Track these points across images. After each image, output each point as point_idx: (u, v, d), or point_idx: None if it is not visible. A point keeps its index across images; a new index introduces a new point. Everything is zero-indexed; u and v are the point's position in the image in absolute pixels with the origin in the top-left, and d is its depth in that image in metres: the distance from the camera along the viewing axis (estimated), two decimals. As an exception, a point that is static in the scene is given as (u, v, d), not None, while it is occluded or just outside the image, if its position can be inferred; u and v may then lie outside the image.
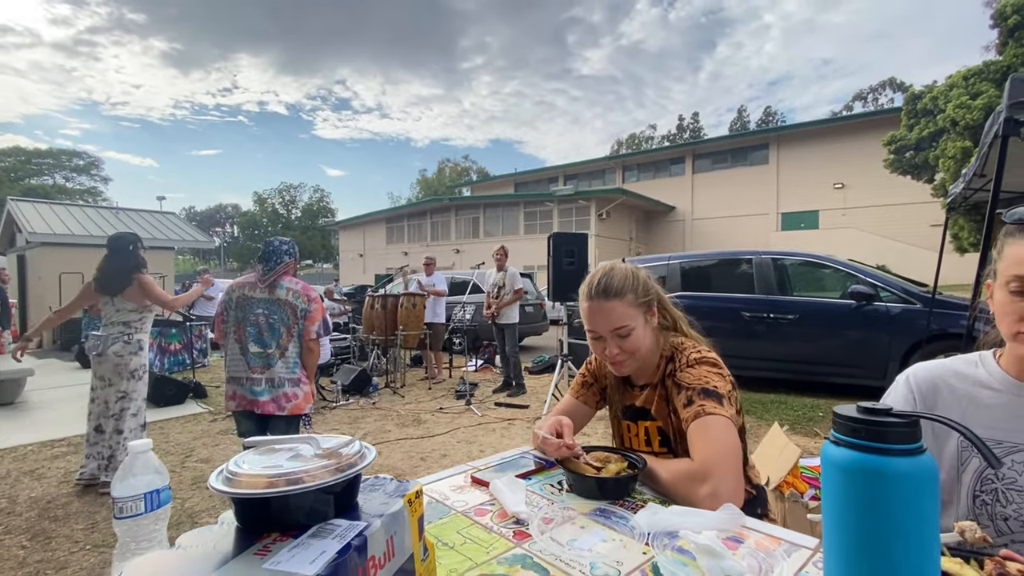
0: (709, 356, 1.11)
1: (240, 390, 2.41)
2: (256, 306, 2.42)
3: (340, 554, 0.49)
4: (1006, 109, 1.90)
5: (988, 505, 0.80)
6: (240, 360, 2.42)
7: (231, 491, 0.53)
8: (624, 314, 1.11)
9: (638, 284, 1.14)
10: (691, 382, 1.06)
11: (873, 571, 0.45)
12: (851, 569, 0.46)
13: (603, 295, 1.12)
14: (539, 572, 0.69)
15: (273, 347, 2.41)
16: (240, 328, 2.42)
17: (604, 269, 1.17)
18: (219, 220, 61.50)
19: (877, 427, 0.45)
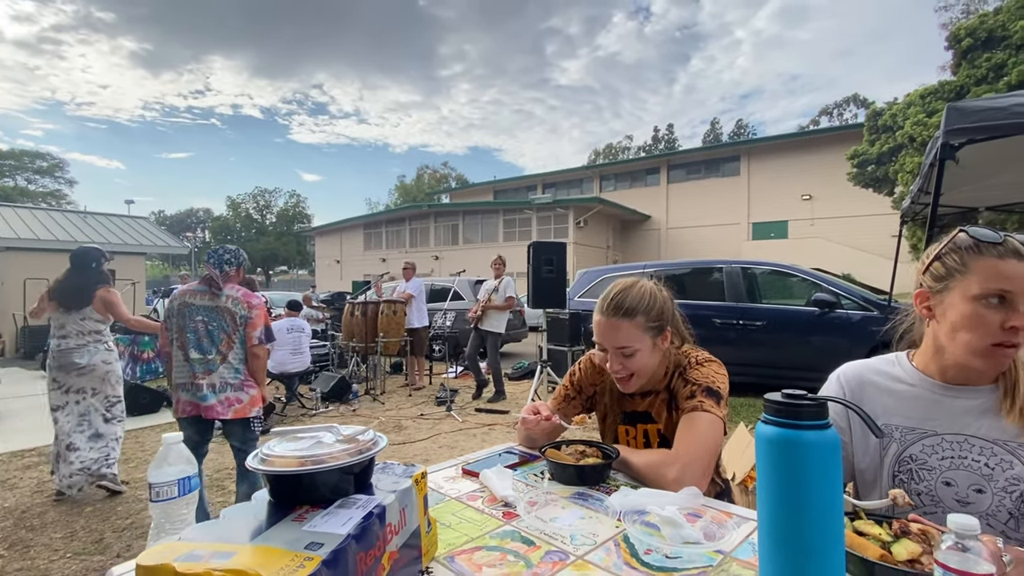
0: (714, 359, 1.21)
1: (185, 396, 2.45)
2: (196, 313, 2.49)
3: (365, 519, 0.59)
4: (943, 135, 2.11)
5: (904, 483, 0.94)
6: (184, 366, 2.46)
7: (271, 470, 0.62)
8: (630, 335, 1.14)
9: (652, 307, 1.16)
10: (699, 379, 1.15)
11: (792, 519, 0.57)
12: (776, 520, 0.58)
13: (614, 312, 1.15)
14: (526, 543, 0.80)
15: (213, 353, 2.47)
16: (182, 335, 2.48)
17: (623, 285, 1.19)
18: (190, 225, 59.97)
19: (795, 408, 0.58)
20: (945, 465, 0.90)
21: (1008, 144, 2.49)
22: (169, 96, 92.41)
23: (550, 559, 0.75)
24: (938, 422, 0.91)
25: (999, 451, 0.85)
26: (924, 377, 0.95)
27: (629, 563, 0.74)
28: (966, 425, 0.88)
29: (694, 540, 0.79)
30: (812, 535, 0.56)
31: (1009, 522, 0.84)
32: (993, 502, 0.85)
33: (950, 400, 0.91)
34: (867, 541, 0.67)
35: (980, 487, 0.86)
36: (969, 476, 0.87)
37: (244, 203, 48.95)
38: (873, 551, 0.65)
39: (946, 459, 0.90)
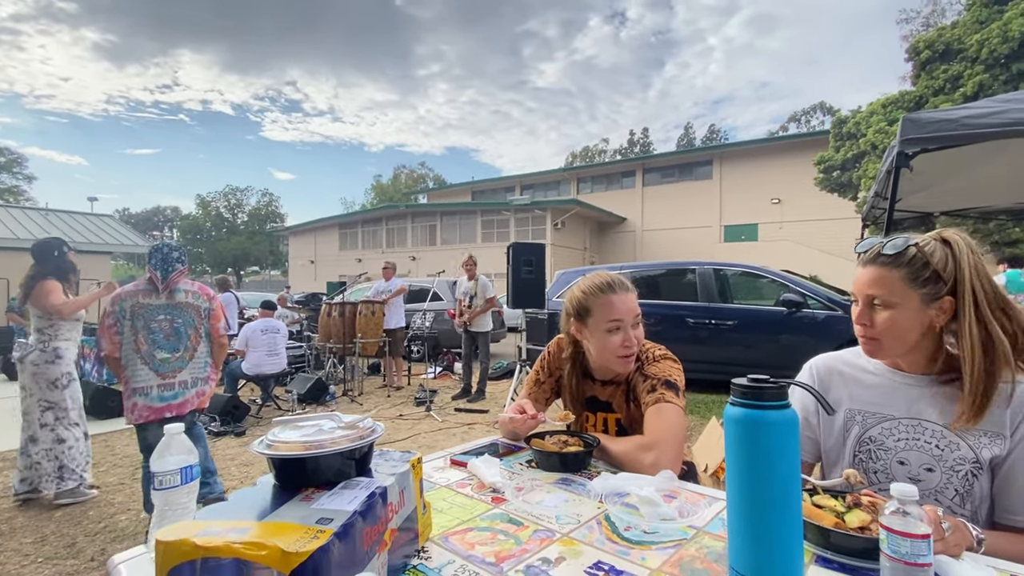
0: (670, 354, 1.32)
1: (145, 400, 2.40)
2: (157, 313, 2.46)
3: (370, 498, 0.63)
4: (899, 144, 2.25)
5: (863, 462, 1.03)
6: (145, 369, 2.41)
7: (278, 454, 0.66)
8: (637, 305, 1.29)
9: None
10: (656, 374, 1.25)
11: (757, 491, 0.64)
12: (742, 492, 0.65)
13: (623, 288, 1.29)
14: (515, 524, 0.85)
15: (182, 350, 2.49)
16: (139, 337, 2.42)
17: (606, 272, 1.34)
18: (157, 223, 58.10)
19: (758, 390, 0.65)
20: (900, 446, 0.98)
21: (959, 153, 2.66)
22: (134, 90, 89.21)
23: (538, 537, 0.80)
24: (895, 407, 1.00)
25: (948, 434, 0.94)
26: (884, 367, 1.04)
27: (611, 538, 0.80)
28: (920, 411, 0.97)
29: (670, 517, 0.86)
30: (775, 504, 0.63)
31: (955, 499, 0.93)
32: (941, 480, 0.94)
33: (906, 387, 1.00)
34: (823, 512, 0.74)
35: (930, 466, 0.95)
36: (921, 456, 0.96)
37: (214, 201, 47.68)
38: (828, 520, 0.73)
39: (901, 440, 0.98)
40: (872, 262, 0.97)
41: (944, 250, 0.93)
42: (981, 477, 0.91)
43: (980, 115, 2.11)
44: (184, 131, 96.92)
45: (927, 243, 0.94)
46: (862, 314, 0.99)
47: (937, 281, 0.92)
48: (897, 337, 0.95)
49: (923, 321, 0.93)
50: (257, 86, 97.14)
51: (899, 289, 0.93)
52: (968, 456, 0.92)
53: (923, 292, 0.92)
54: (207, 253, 45.29)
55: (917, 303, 0.93)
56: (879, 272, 0.96)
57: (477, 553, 0.76)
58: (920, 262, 0.92)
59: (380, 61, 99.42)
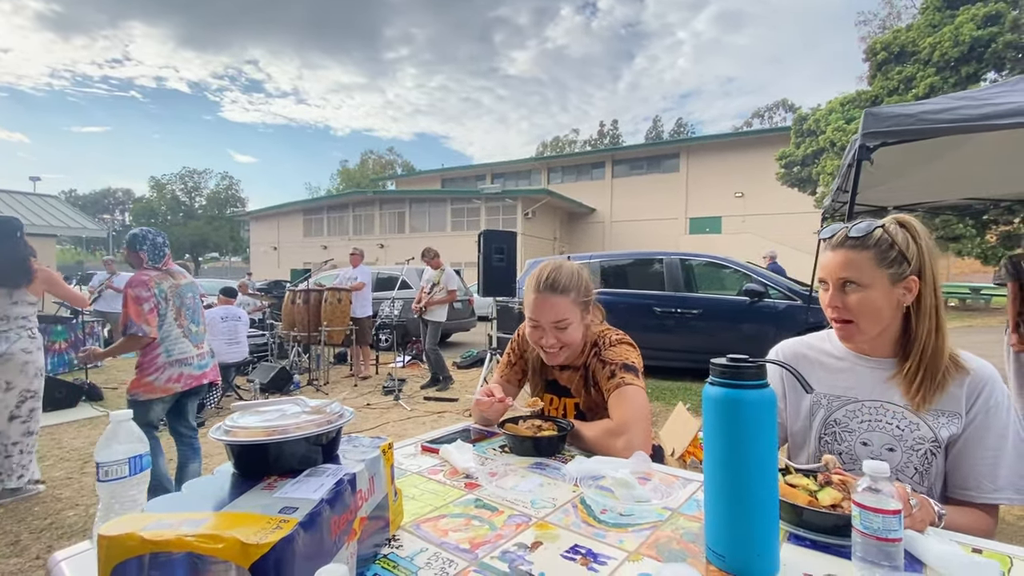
0: (626, 338, 1.32)
1: (187, 370, 2.62)
2: (187, 291, 2.73)
3: (337, 485, 0.60)
4: (860, 138, 2.32)
5: (828, 444, 1.06)
6: (184, 342, 2.65)
7: (237, 440, 0.61)
8: (565, 310, 1.23)
9: (581, 284, 1.27)
10: (614, 358, 1.24)
11: (734, 470, 0.64)
12: (719, 471, 0.65)
13: (549, 289, 1.23)
14: (490, 510, 0.83)
15: (200, 323, 2.79)
16: (182, 314, 2.67)
17: (554, 265, 1.28)
18: (107, 206, 55.05)
19: (737, 370, 0.64)
20: (864, 428, 1.01)
21: (912, 150, 2.77)
22: (81, 64, 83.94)
23: (513, 522, 0.79)
24: (859, 390, 1.03)
25: (908, 415, 0.97)
26: (848, 351, 1.06)
27: (587, 522, 0.79)
28: (883, 392, 1.00)
29: (645, 499, 0.85)
30: (752, 483, 0.63)
31: (915, 476, 0.97)
32: (902, 459, 0.97)
33: (868, 371, 1.03)
34: (797, 491, 0.75)
35: (892, 446, 0.98)
36: (883, 436, 0.99)
37: (170, 184, 45.51)
38: (802, 498, 0.74)
39: (865, 422, 1.01)
40: (840, 246, 1.00)
41: (904, 232, 0.97)
42: (939, 455, 0.95)
43: (936, 111, 2.20)
44: (136, 109, 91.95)
45: (889, 225, 0.97)
46: (834, 297, 1.00)
47: (902, 261, 0.95)
48: (871, 317, 0.97)
49: (892, 301, 0.96)
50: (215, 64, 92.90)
51: (869, 270, 0.95)
52: (927, 436, 0.95)
53: (891, 272, 0.95)
54: (162, 238, 43.19)
55: (886, 283, 0.95)
56: (848, 255, 0.98)
57: (451, 540, 0.73)
58: (886, 243, 0.96)
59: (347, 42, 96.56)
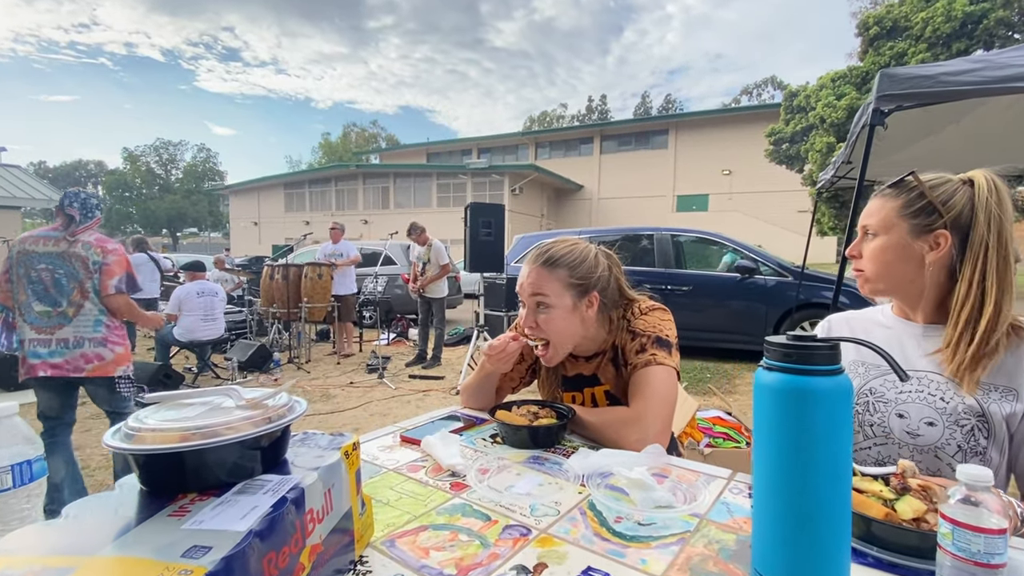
0: (658, 304, 1.14)
1: (24, 354, 2.19)
2: (38, 261, 2.20)
3: (276, 508, 0.44)
4: (874, 100, 2.17)
5: (859, 415, 0.96)
6: (21, 321, 2.22)
7: (136, 448, 0.45)
8: (548, 287, 1.04)
9: (579, 264, 1.07)
10: (645, 328, 1.07)
11: (799, 478, 0.49)
12: (779, 478, 0.50)
13: (536, 260, 1.08)
14: (480, 518, 0.69)
15: (64, 304, 2.21)
16: (21, 285, 2.21)
17: (560, 240, 1.12)
18: (78, 179, 52.99)
19: (806, 351, 0.49)
20: (901, 399, 0.91)
21: (921, 118, 2.64)
22: (46, 28, 79.76)
23: (509, 535, 0.64)
24: (899, 358, 0.91)
25: (952, 387, 0.86)
26: (900, 320, 0.97)
27: (599, 533, 0.65)
28: (929, 362, 0.90)
29: (666, 503, 0.72)
30: (821, 494, 0.49)
31: (956, 455, 0.85)
32: (944, 435, 0.86)
33: (913, 338, 0.93)
34: (869, 499, 0.61)
35: (932, 420, 0.87)
36: (922, 409, 0.88)
37: (144, 156, 43.89)
38: (876, 509, 0.60)
39: (903, 393, 0.91)
40: (878, 195, 0.95)
41: (955, 186, 0.87)
42: (991, 434, 0.83)
43: (956, 72, 2.05)
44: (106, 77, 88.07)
45: (934, 177, 0.89)
46: (854, 246, 0.96)
47: (932, 213, 0.87)
48: (881, 267, 0.92)
49: (910, 253, 0.89)
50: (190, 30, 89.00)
51: (890, 218, 0.91)
52: (974, 410, 0.84)
53: (914, 222, 0.88)
54: (138, 213, 41.96)
55: (905, 232, 0.89)
56: (878, 202, 0.94)
57: (432, 562, 0.58)
58: (916, 191, 0.89)
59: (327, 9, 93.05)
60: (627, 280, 1.19)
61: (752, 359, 5.75)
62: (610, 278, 1.13)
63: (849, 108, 12.96)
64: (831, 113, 13.62)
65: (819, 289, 5.36)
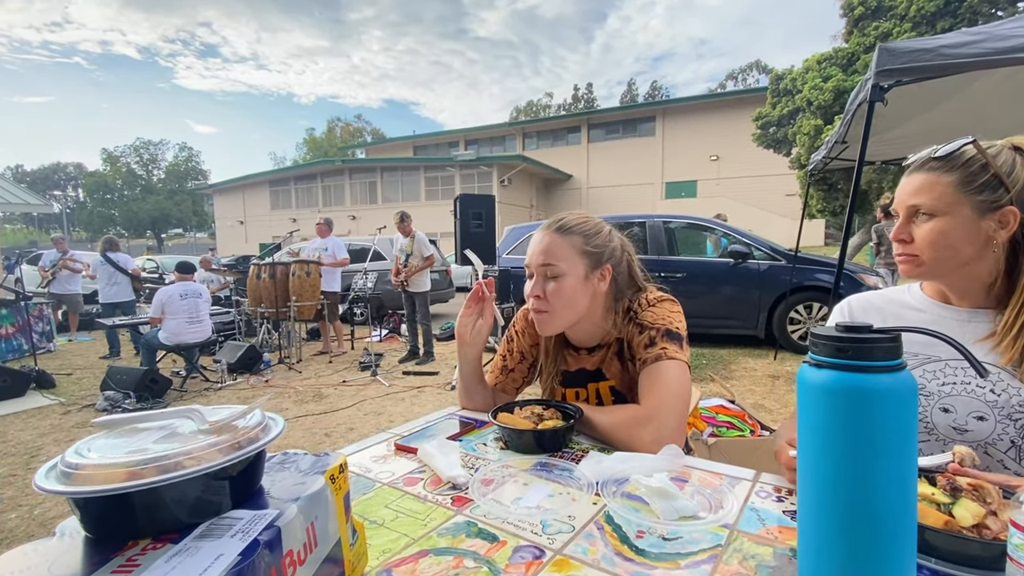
0: (667, 295, 1.07)
1: None
2: None
3: (245, 555, 0.36)
4: (873, 76, 2.11)
5: None
6: None
7: (70, 490, 0.37)
8: (560, 252, 1.00)
9: (594, 234, 1.04)
10: (654, 321, 1.01)
11: (856, 492, 0.43)
12: (834, 493, 0.44)
13: (549, 227, 1.04)
14: (487, 539, 0.61)
15: None
16: None
17: (572, 212, 1.09)
18: (58, 182, 51.89)
19: (863, 345, 0.43)
20: (945, 391, 0.83)
21: (919, 92, 2.58)
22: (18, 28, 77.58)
23: (521, 558, 0.57)
24: (942, 347, 0.84)
25: (1006, 376, 0.79)
26: (929, 300, 0.89)
27: (620, 552, 0.58)
28: (974, 350, 0.82)
29: (690, 513, 0.65)
30: (881, 508, 0.42)
31: (1010, 451, 0.79)
32: (995, 430, 0.79)
33: (955, 323, 0.85)
34: (924, 505, 0.55)
35: (982, 414, 0.80)
36: (970, 403, 0.81)
37: (124, 157, 42.97)
38: (935, 518, 0.53)
39: (947, 384, 0.83)
40: (919, 168, 0.83)
41: (1013, 155, 0.78)
42: None
43: (956, 44, 2.00)
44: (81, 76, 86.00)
45: (991, 146, 0.79)
46: (901, 228, 0.85)
47: (998, 187, 0.77)
48: (943, 252, 0.80)
49: (976, 234, 0.78)
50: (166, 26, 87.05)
51: (948, 195, 0.79)
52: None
53: (979, 199, 0.77)
54: (120, 215, 41.15)
55: (969, 211, 0.78)
56: (926, 178, 0.81)
57: (436, 597, 0.51)
58: (977, 163, 0.77)
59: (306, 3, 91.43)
60: (640, 266, 1.13)
61: (746, 344, 5.73)
62: (622, 257, 1.09)
63: (836, 90, 12.95)
64: (818, 95, 13.59)
65: (812, 272, 5.34)
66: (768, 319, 5.48)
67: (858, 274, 5.20)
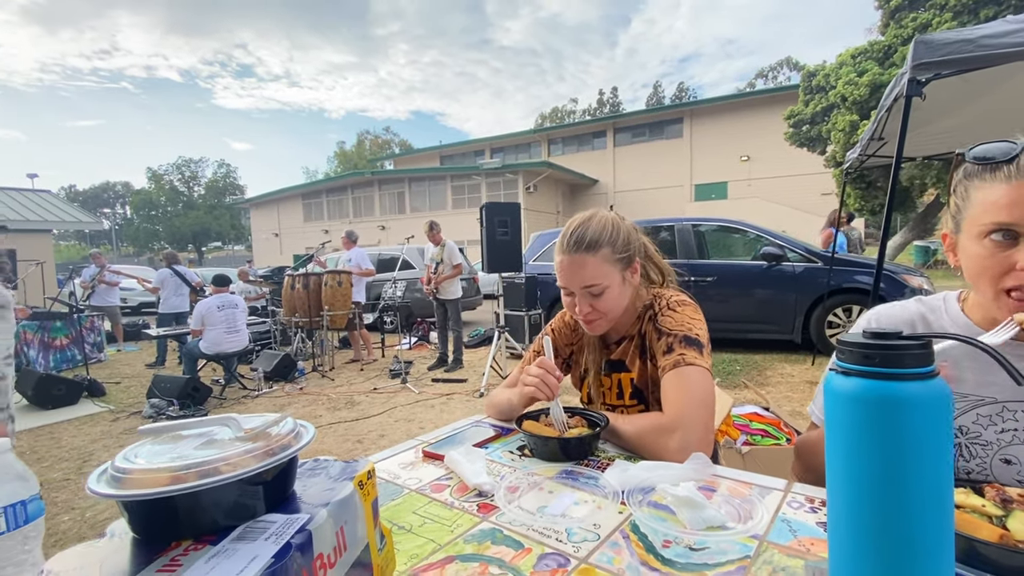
0: (688, 300, 1.07)
1: None
2: None
3: (278, 557, 0.38)
4: (910, 70, 2.03)
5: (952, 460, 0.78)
6: None
7: (119, 494, 0.40)
8: (598, 272, 1.00)
9: (617, 236, 1.03)
10: (673, 327, 1.00)
11: (889, 504, 0.41)
12: (865, 506, 0.43)
13: (575, 248, 1.01)
14: (512, 546, 0.62)
15: None
16: None
17: (582, 218, 1.06)
18: (107, 200, 54.81)
19: (892, 351, 0.42)
20: (1005, 439, 0.73)
21: (962, 83, 2.48)
22: (70, 57, 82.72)
23: (546, 566, 0.57)
24: (998, 387, 0.73)
25: None
26: (975, 328, 0.75)
27: (646, 561, 0.58)
28: None
29: (719, 523, 0.64)
30: (917, 522, 0.41)
31: None
32: None
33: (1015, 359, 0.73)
34: (973, 517, 0.53)
35: None
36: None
37: (167, 175, 45.09)
38: (989, 531, 0.51)
39: (1007, 432, 0.73)
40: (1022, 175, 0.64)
41: None
42: None
43: (1000, 34, 1.91)
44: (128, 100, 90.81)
45: None
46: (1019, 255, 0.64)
47: None
48: None
49: None
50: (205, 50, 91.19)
51: None
52: None
53: None
54: (164, 230, 43.15)
55: None
56: None
57: (462, 602, 0.52)
58: None
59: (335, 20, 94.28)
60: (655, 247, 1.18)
61: (782, 349, 5.56)
62: (640, 244, 1.12)
63: (872, 84, 12.51)
64: (853, 91, 13.17)
65: (851, 274, 5.15)
66: (805, 323, 5.31)
67: (900, 275, 4.98)
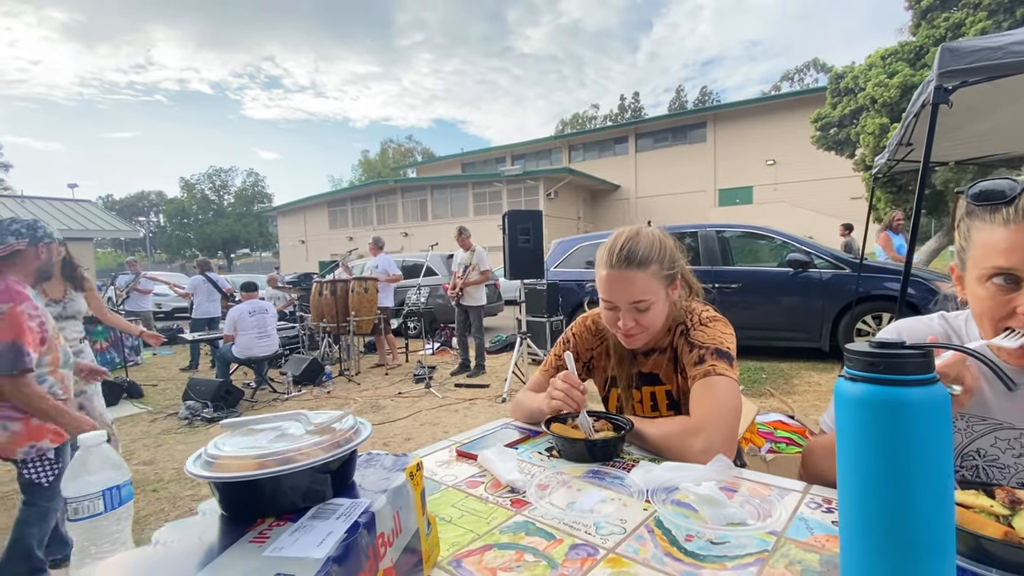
0: (719, 316, 1.11)
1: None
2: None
3: (350, 533, 0.44)
4: (936, 78, 2.02)
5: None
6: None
7: (217, 476, 0.47)
8: (647, 288, 1.03)
9: (664, 254, 1.06)
10: (704, 340, 1.04)
11: (893, 502, 0.46)
12: (871, 503, 0.47)
13: (625, 264, 1.03)
14: (544, 537, 0.67)
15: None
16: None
17: (629, 233, 1.07)
18: (142, 209, 56.88)
19: (894, 359, 0.46)
20: (1023, 464, 0.74)
21: (992, 89, 2.44)
22: (108, 71, 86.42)
23: (576, 555, 0.63)
24: (1016, 414, 0.75)
25: None
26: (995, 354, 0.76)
27: (670, 553, 0.62)
28: None
29: (739, 520, 0.68)
30: (919, 514, 0.45)
31: None
32: None
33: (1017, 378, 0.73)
34: (981, 516, 0.56)
35: None
36: None
37: (199, 184, 46.67)
38: (994, 528, 0.54)
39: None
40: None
41: None
42: None
43: (1028, 40, 1.89)
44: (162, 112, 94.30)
45: None
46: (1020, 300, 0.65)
47: None
48: None
49: None
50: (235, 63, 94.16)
51: None
52: None
53: None
54: (195, 237, 44.59)
55: None
56: None
57: (501, 584, 0.58)
58: None
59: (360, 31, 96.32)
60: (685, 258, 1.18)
61: (809, 357, 5.47)
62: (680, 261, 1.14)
63: (902, 86, 12.22)
64: (883, 93, 12.88)
65: (881, 280, 5.05)
66: (833, 331, 5.22)
67: (932, 281, 4.86)
